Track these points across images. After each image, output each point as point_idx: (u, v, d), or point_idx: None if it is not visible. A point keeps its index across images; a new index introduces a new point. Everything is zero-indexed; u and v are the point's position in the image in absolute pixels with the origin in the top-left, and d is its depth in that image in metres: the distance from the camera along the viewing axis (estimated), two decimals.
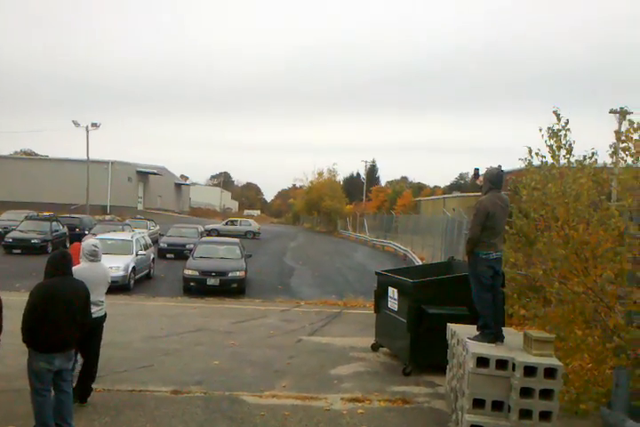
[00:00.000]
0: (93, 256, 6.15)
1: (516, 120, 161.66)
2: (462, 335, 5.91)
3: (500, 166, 6.29)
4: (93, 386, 6.15)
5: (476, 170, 6.73)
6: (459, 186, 72.73)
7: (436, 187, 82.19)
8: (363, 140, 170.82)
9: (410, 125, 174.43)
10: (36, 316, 4.77)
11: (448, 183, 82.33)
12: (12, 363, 6.90)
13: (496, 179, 6.07)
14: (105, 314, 6.31)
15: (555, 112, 7.02)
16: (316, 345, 9.38)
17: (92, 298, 5.50)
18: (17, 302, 6.69)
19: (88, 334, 5.70)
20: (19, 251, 22.06)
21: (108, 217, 41.64)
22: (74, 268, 5.42)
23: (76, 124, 41.27)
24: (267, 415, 5.95)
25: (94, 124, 41.85)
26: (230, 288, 15.42)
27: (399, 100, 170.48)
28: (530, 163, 7.50)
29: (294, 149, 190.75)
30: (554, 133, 7.07)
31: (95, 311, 5.87)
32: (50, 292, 4.87)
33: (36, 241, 22.34)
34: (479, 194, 6.37)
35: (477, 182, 6.50)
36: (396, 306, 8.20)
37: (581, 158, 7.12)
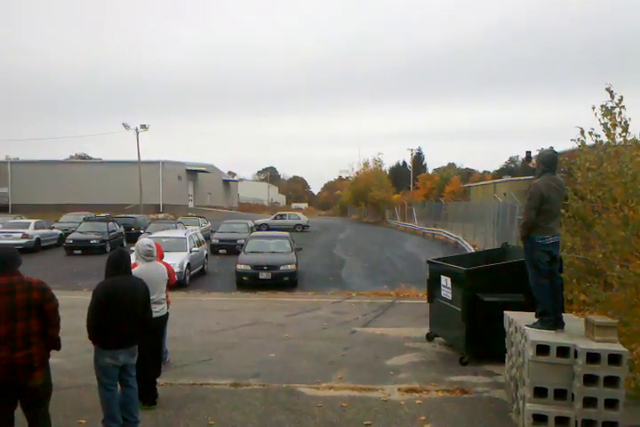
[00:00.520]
0: (149, 256, 6.25)
1: (563, 102, 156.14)
2: (520, 323, 5.77)
3: (552, 148, 6.08)
4: (157, 380, 6.31)
5: (528, 153, 6.56)
6: (509, 170, 70.96)
7: (485, 172, 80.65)
8: (408, 129, 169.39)
9: (455, 111, 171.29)
10: (99, 314, 4.89)
11: (498, 168, 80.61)
12: (78, 359, 7.20)
13: (550, 161, 5.85)
14: (167, 313, 6.47)
15: (608, 89, 6.73)
16: (370, 336, 9.37)
17: (154, 297, 5.62)
18: (81, 300, 6.99)
19: (151, 332, 5.79)
20: (79, 251, 22.93)
21: (161, 216, 42.82)
22: (132, 271, 5.52)
23: (126, 126, 42.56)
24: (324, 407, 5.99)
25: (143, 126, 43.03)
26: (282, 281, 15.59)
27: (442, 86, 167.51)
28: (583, 143, 7.23)
29: (338, 141, 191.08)
30: (608, 111, 6.78)
31: (159, 310, 6.04)
32: (111, 290, 4.98)
33: (94, 241, 23.16)
34: (531, 177, 6.21)
35: (530, 165, 6.36)
36: (450, 295, 8.09)
37: (638, 137, 6.82)
